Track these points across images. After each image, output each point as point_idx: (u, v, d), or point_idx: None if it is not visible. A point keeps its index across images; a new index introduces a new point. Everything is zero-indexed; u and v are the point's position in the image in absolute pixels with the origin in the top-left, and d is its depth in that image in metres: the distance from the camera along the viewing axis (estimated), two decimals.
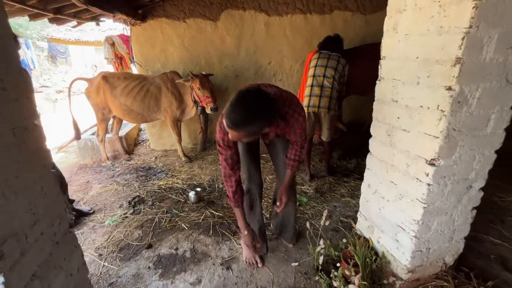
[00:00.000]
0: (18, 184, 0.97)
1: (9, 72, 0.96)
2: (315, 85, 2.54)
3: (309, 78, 2.58)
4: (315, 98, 2.54)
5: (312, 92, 2.54)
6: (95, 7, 2.15)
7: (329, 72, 2.52)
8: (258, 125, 1.16)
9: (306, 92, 2.59)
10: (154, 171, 3.47)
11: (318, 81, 2.53)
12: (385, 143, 1.46)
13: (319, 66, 2.53)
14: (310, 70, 2.57)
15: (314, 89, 2.54)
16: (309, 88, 2.56)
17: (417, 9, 1.16)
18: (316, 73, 2.53)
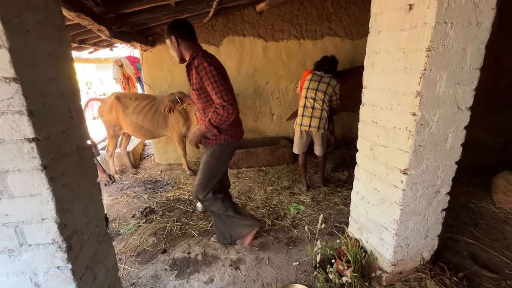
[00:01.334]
0: (79, 192, 1.24)
1: (75, 103, 1.25)
2: (307, 106, 2.86)
3: (302, 98, 2.90)
4: (307, 118, 2.87)
5: (304, 112, 2.87)
6: (118, 39, 2.47)
7: (319, 95, 2.83)
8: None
9: (299, 111, 2.90)
10: (161, 184, 3.71)
11: (309, 103, 2.86)
12: (369, 156, 1.76)
13: (310, 88, 2.85)
14: (303, 90, 2.90)
15: (305, 110, 2.87)
16: (301, 108, 2.88)
17: (388, 52, 1.50)
18: (307, 95, 2.86)
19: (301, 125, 2.89)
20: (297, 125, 2.92)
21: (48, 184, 1.01)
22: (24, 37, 0.94)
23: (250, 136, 4.60)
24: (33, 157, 0.96)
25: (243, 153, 3.93)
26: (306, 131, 2.91)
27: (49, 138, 1.03)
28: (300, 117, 2.89)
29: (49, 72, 1.08)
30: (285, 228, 2.50)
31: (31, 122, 0.94)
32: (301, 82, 3.00)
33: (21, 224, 1.03)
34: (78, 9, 1.65)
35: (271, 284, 1.88)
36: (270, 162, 4.00)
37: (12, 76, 0.88)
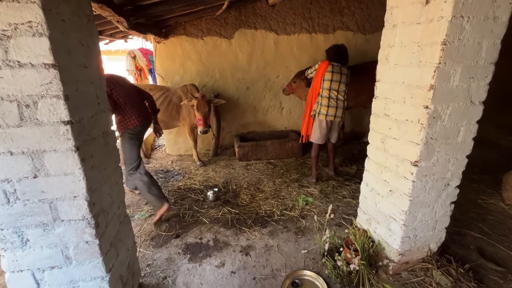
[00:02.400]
0: (105, 174, 1.32)
1: (101, 90, 1.33)
2: (332, 97, 2.93)
3: (325, 90, 2.93)
4: (332, 109, 2.95)
5: (330, 103, 2.94)
6: (134, 30, 2.54)
7: (341, 87, 2.94)
8: None
9: (323, 102, 2.95)
10: (172, 174, 3.81)
11: (334, 94, 2.93)
12: (380, 149, 1.79)
13: (334, 81, 2.90)
14: (325, 82, 2.91)
15: (331, 101, 2.94)
16: (326, 99, 2.94)
17: (403, 46, 1.52)
18: (332, 87, 2.91)
19: (326, 115, 2.96)
20: (322, 115, 2.98)
21: (80, 164, 1.09)
22: (61, 27, 1.01)
23: (259, 129, 4.66)
24: (68, 139, 1.04)
25: (252, 146, 3.99)
26: (331, 121, 3.00)
27: (81, 122, 1.11)
28: (326, 108, 2.95)
29: (81, 59, 1.15)
30: (294, 218, 2.57)
31: (66, 106, 1.01)
32: (318, 73, 2.97)
33: (55, 201, 1.12)
34: (101, 0, 1.72)
35: (280, 269, 1.95)
36: (279, 155, 4.05)
37: (51, 63, 0.96)
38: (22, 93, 0.97)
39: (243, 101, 4.47)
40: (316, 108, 3.01)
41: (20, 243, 1.15)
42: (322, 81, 2.92)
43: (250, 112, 4.55)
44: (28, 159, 1.04)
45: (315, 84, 2.99)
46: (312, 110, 3.06)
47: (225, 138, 4.62)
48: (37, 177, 1.07)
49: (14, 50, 0.93)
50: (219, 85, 4.28)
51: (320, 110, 2.98)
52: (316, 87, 2.99)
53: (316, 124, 3.06)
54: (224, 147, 4.65)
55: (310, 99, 3.08)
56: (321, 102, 2.97)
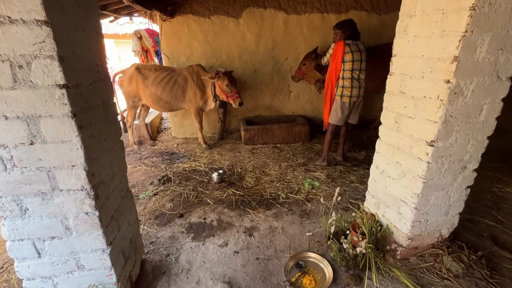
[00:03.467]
0: (105, 145, 1.27)
1: (101, 59, 1.26)
2: (355, 78, 2.82)
3: (346, 71, 2.81)
4: (356, 89, 2.86)
5: (353, 84, 2.84)
6: (139, 5, 2.44)
7: (362, 65, 2.83)
8: None
9: (346, 83, 2.84)
10: (177, 156, 3.79)
11: (356, 74, 2.82)
12: (393, 129, 1.70)
13: (356, 60, 2.77)
14: (346, 64, 2.78)
15: (354, 81, 2.83)
16: (349, 80, 2.83)
17: (424, 15, 1.39)
18: (354, 67, 2.79)
19: (351, 96, 2.87)
20: (346, 97, 2.88)
21: (77, 132, 1.04)
22: None
23: (266, 113, 4.57)
24: (64, 104, 0.99)
25: (259, 129, 3.92)
26: (355, 102, 2.94)
27: (78, 87, 1.05)
28: (350, 89, 2.85)
29: (77, 21, 1.08)
30: (299, 201, 2.52)
31: (61, 68, 0.95)
32: (336, 55, 2.81)
33: (53, 169, 1.08)
34: None
35: (284, 251, 1.92)
36: (285, 139, 3.97)
37: (43, 19, 0.89)
38: (14, 53, 0.91)
39: (250, 84, 4.36)
40: (338, 91, 2.89)
41: (19, 212, 1.12)
42: (342, 63, 2.78)
43: (257, 96, 4.44)
44: (23, 124, 1.00)
45: (334, 67, 2.84)
46: (333, 94, 2.93)
47: (231, 122, 4.56)
48: (33, 143, 1.03)
49: (4, 4, 0.86)
50: (225, 66, 4.16)
51: (343, 93, 2.88)
52: (335, 70, 2.84)
53: (337, 105, 2.95)
54: (230, 131, 4.59)
55: (329, 84, 2.93)
56: (344, 84, 2.86)
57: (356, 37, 2.81)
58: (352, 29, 2.78)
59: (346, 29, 2.78)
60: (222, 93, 3.59)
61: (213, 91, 3.66)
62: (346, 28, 2.78)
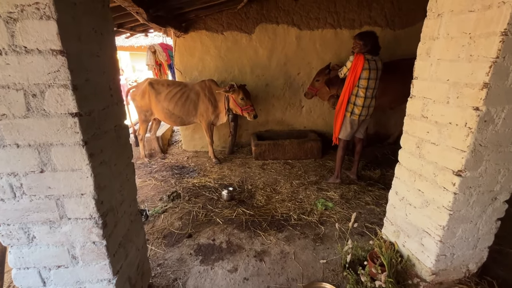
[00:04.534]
0: (116, 170, 1.24)
1: (115, 82, 1.25)
2: (368, 96, 2.76)
3: (361, 89, 2.74)
4: (366, 109, 2.81)
5: (365, 103, 2.78)
6: (154, 23, 2.48)
7: (376, 84, 2.77)
8: None
9: (359, 102, 2.78)
10: (187, 170, 3.76)
11: (370, 93, 2.76)
12: (414, 154, 1.60)
13: (372, 79, 2.71)
14: (362, 80, 2.70)
15: (366, 100, 2.78)
16: (362, 99, 2.76)
17: (449, 38, 1.33)
18: (369, 85, 2.72)
19: (360, 115, 2.83)
20: (356, 115, 2.83)
21: (88, 160, 1.01)
22: (71, 10, 0.93)
23: (277, 128, 4.52)
24: (76, 132, 0.97)
25: (270, 145, 3.86)
26: (363, 120, 2.90)
27: (90, 114, 1.03)
28: (360, 108, 2.80)
29: (93, 47, 1.07)
30: (312, 224, 2.42)
31: (75, 97, 0.93)
32: (353, 69, 2.72)
33: (62, 198, 1.05)
34: None
35: (296, 279, 1.82)
36: (297, 155, 3.90)
37: (59, 49, 0.88)
38: (28, 82, 0.90)
39: (262, 98, 4.34)
40: (349, 108, 2.84)
41: (26, 240, 1.09)
42: (358, 79, 2.71)
43: (268, 110, 4.42)
44: (34, 152, 0.98)
45: (351, 81, 2.75)
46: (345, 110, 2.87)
47: (242, 136, 4.53)
48: (43, 171, 1.01)
49: (21, 35, 0.86)
50: (237, 81, 4.16)
51: (353, 110, 2.82)
52: (352, 84, 2.76)
53: (346, 121, 2.90)
54: (241, 145, 4.55)
55: (344, 97, 2.85)
56: (356, 101, 2.80)
57: (376, 51, 2.74)
58: (373, 42, 2.70)
59: (368, 41, 2.68)
60: (237, 107, 3.58)
61: (227, 105, 3.66)
62: (368, 40, 2.68)
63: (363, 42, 2.71)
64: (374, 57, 2.74)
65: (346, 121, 2.91)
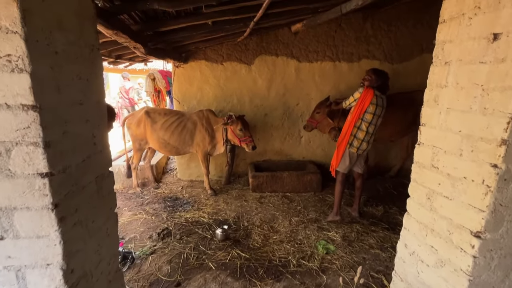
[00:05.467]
0: (94, 227, 1.09)
1: (100, 128, 1.14)
2: (369, 132, 2.71)
3: (364, 123, 2.68)
4: (366, 143, 2.75)
5: (365, 137, 2.73)
6: (152, 56, 2.45)
7: (379, 121, 2.73)
8: None
9: (360, 135, 2.72)
10: (181, 202, 3.58)
11: (371, 129, 2.71)
12: (425, 206, 1.47)
13: (377, 115, 2.67)
14: (367, 114, 2.65)
15: (367, 135, 2.72)
16: (363, 133, 2.71)
17: (459, 88, 1.26)
18: (372, 121, 2.68)
19: (358, 148, 2.76)
20: (354, 148, 2.77)
21: (57, 225, 0.87)
22: (51, 60, 0.84)
23: (276, 158, 4.41)
24: (44, 195, 0.84)
25: (268, 177, 3.72)
26: (360, 154, 2.83)
27: (65, 171, 0.91)
28: (360, 141, 2.74)
29: (75, 96, 0.97)
30: (313, 271, 2.22)
31: (46, 155, 0.82)
32: (361, 101, 2.65)
33: (24, 269, 0.89)
34: (116, 27, 1.61)
35: None
36: (296, 188, 3.75)
37: (31, 104, 0.77)
38: None
39: (261, 128, 4.28)
40: (350, 140, 2.76)
41: None
42: (364, 112, 2.65)
43: (267, 140, 4.33)
44: None
45: (357, 113, 2.68)
46: (347, 142, 2.78)
47: (239, 165, 4.40)
48: (3, 239, 0.86)
49: None
50: (236, 110, 4.12)
51: (353, 142, 2.75)
52: (358, 116, 2.69)
53: (346, 153, 2.81)
54: (238, 175, 4.41)
55: (347, 129, 2.77)
56: (357, 134, 2.73)
57: (384, 90, 2.74)
58: (384, 80, 2.73)
59: (380, 78, 2.71)
60: (235, 137, 3.50)
61: (225, 136, 3.57)
62: (381, 77, 2.71)
63: (375, 77, 2.72)
64: (382, 95, 2.71)
65: (345, 153, 2.82)
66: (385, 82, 2.73)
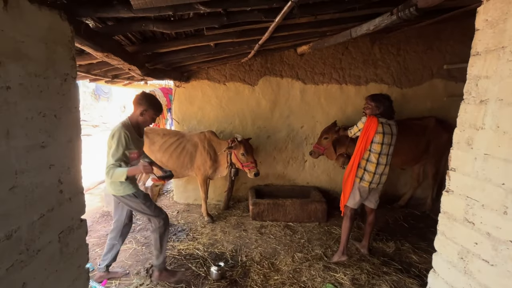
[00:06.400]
0: None
1: (70, 172, 0.94)
2: (381, 163, 2.49)
3: (373, 154, 2.48)
4: (378, 176, 2.52)
5: (378, 170, 2.50)
6: (150, 77, 2.31)
7: (391, 150, 2.52)
8: None
9: (370, 167, 2.50)
10: (175, 229, 3.33)
11: (383, 159, 2.49)
12: (457, 267, 1.24)
13: (386, 144, 2.46)
14: (375, 145, 2.46)
15: (379, 167, 2.49)
16: (374, 165, 2.49)
17: (500, 132, 1.06)
18: (382, 151, 2.47)
19: (371, 182, 2.52)
20: (366, 182, 2.53)
21: None
22: (1, 97, 0.66)
23: (278, 182, 4.18)
24: None
25: (269, 204, 3.48)
26: (374, 188, 2.58)
27: (10, 237, 0.70)
28: (372, 175, 2.51)
29: (35, 138, 0.78)
30: None
31: None
32: (365, 132, 2.47)
33: None
34: (107, 49, 1.45)
35: None
36: (299, 217, 3.49)
37: None
38: None
39: (263, 150, 4.08)
40: (359, 173, 2.54)
41: None
42: (370, 143, 2.46)
43: (269, 163, 4.12)
44: None
45: (363, 144, 2.50)
46: (355, 175, 2.57)
47: (239, 190, 4.16)
48: None
49: None
50: (238, 131, 3.95)
51: (363, 176, 2.52)
52: (364, 148, 2.50)
53: (355, 187, 2.58)
54: (237, 199, 4.16)
55: (354, 162, 2.57)
56: (367, 167, 2.51)
57: (390, 115, 2.54)
58: (387, 106, 2.51)
59: (381, 104, 2.49)
60: (238, 161, 3.30)
61: (229, 159, 3.37)
62: (381, 103, 2.49)
63: (375, 104, 2.53)
64: (388, 121, 2.52)
65: (355, 187, 2.59)
66: (388, 106, 2.51)
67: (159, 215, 2.23)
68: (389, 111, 2.54)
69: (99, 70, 2.20)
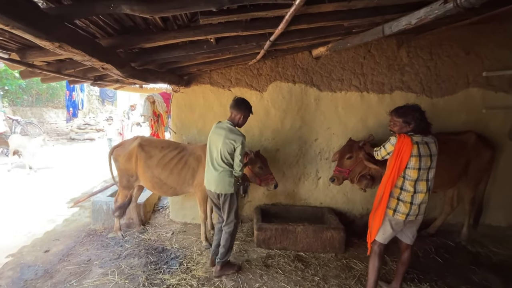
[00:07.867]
0: None
1: None
2: (419, 191, 2.01)
3: (408, 181, 2.00)
4: (417, 206, 2.03)
5: (415, 199, 2.02)
6: (136, 79, 1.88)
7: (431, 174, 2.03)
8: None
9: (405, 197, 2.02)
10: (167, 256, 2.87)
11: (423, 186, 2.01)
12: None
13: (423, 169, 1.98)
14: (410, 171, 1.98)
15: (416, 196, 2.02)
16: (410, 194, 2.01)
17: None
18: (420, 177, 1.99)
19: (408, 215, 2.03)
20: (402, 215, 2.04)
21: None
22: None
23: (287, 202, 3.68)
24: None
25: (277, 230, 2.98)
26: (412, 220, 2.08)
27: None
28: (408, 205, 2.02)
29: None
30: None
31: None
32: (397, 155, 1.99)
33: None
34: (56, 37, 1.02)
35: None
36: (312, 246, 2.97)
37: None
38: None
39: (271, 165, 3.55)
40: (392, 204, 2.05)
41: None
42: (404, 168, 1.98)
43: (278, 180, 3.56)
44: None
45: (395, 170, 2.01)
46: (386, 206, 2.07)
47: (243, 209, 3.69)
48: None
49: None
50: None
51: (397, 207, 2.03)
52: (397, 174, 2.02)
53: (387, 221, 2.10)
54: (241, 220, 3.68)
55: (384, 191, 2.08)
56: (401, 196, 2.03)
57: (425, 130, 2.03)
58: (418, 119, 2.00)
59: (410, 118, 2.00)
60: (254, 176, 2.85)
61: None
62: (411, 117, 2.00)
63: (402, 120, 2.05)
64: (425, 138, 2.02)
65: (385, 220, 2.09)
66: (420, 119, 2.00)
67: (238, 218, 2.50)
68: (423, 124, 2.03)
69: (73, 69, 1.79)
